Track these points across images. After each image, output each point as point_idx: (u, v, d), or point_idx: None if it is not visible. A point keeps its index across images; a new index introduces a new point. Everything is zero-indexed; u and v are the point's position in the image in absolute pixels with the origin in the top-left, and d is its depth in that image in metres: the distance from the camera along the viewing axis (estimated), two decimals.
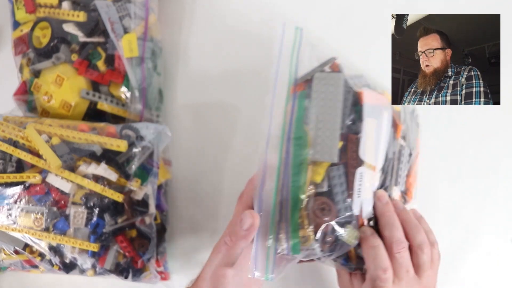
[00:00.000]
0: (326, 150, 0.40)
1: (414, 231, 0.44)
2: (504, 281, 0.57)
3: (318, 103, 0.41)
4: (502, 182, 0.58)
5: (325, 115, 0.40)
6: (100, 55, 0.51)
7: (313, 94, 0.41)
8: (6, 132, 0.48)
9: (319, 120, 0.40)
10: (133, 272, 0.49)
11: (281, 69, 0.43)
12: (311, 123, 0.40)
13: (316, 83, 0.42)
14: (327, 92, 0.41)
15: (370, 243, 0.42)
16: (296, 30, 0.45)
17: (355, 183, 0.40)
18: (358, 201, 0.40)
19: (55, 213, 0.47)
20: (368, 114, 0.41)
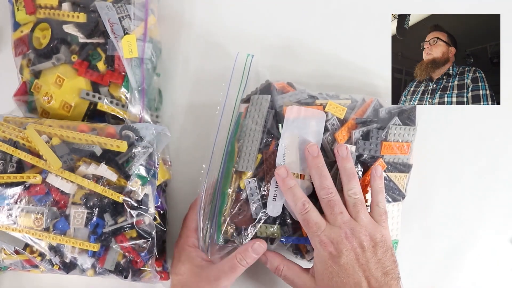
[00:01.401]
0: (246, 162, 0.48)
1: (345, 179, 0.47)
2: (504, 281, 0.57)
3: (247, 123, 0.49)
4: (501, 182, 0.58)
5: (250, 132, 0.49)
6: (100, 56, 0.51)
7: (247, 114, 0.50)
8: (7, 133, 0.48)
9: (245, 137, 0.49)
10: (133, 272, 0.49)
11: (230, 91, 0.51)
12: (241, 140, 0.49)
13: (250, 104, 0.50)
14: (255, 113, 0.50)
15: (286, 185, 0.46)
16: (247, 57, 0.52)
17: (271, 190, 0.48)
18: (275, 204, 0.48)
19: (55, 213, 0.47)
20: (289, 129, 0.48)
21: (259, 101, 0.50)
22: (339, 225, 0.45)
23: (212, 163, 0.50)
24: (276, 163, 0.48)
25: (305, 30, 0.60)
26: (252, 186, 0.48)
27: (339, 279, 0.43)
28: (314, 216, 0.45)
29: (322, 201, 0.46)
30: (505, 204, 0.58)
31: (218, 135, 0.51)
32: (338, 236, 0.44)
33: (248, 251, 0.48)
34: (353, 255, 0.44)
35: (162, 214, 0.52)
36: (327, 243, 0.44)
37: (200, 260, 0.50)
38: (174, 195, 0.57)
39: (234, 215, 0.48)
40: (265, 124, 0.49)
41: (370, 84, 0.58)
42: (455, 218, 0.57)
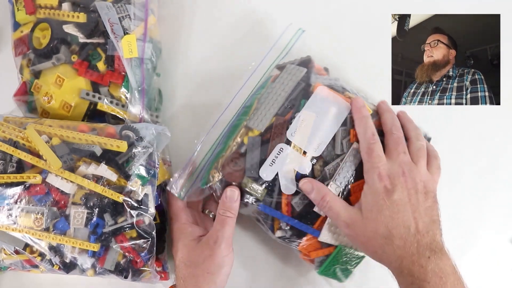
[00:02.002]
0: (258, 121, 0.48)
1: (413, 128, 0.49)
2: (504, 281, 0.57)
3: (274, 86, 0.50)
4: (501, 182, 0.58)
5: (274, 96, 0.49)
6: (100, 56, 0.51)
7: (277, 79, 0.50)
8: (7, 133, 0.48)
9: (266, 99, 0.49)
10: (132, 272, 0.49)
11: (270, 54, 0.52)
12: (261, 99, 0.49)
13: (284, 71, 0.51)
14: (286, 81, 0.50)
15: (361, 113, 0.48)
16: (298, 30, 0.52)
17: (272, 154, 0.47)
18: (270, 169, 0.48)
19: (55, 213, 0.47)
20: (310, 107, 0.48)
21: (293, 71, 0.50)
22: (399, 163, 0.45)
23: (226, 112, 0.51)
24: (287, 133, 0.48)
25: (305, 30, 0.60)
26: (255, 144, 0.48)
27: (388, 213, 0.44)
28: (379, 149, 0.46)
29: (391, 136, 0.47)
30: (505, 204, 0.58)
31: (242, 91, 0.51)
32: (396, 172, 0.45)
33: (225, 202, 0.48)
34: (406, 193, 0.44)
35: (162, 214, 0.52)
36: (384, 176, 0.45)
37: (195, 234, 0.50)
38: None
39: (227, 164, 0.48)
40: (291, 93, 0.49)
41: (370, 85, 0.58)
42: (455, 218, 0.57)
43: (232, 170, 0.48)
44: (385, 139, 0.47)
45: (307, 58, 0.52)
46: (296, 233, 0.49)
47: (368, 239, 0.45)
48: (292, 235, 0.49)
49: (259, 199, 0.48)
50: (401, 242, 0.43)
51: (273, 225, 0.50)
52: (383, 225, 0.44)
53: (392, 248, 0.43)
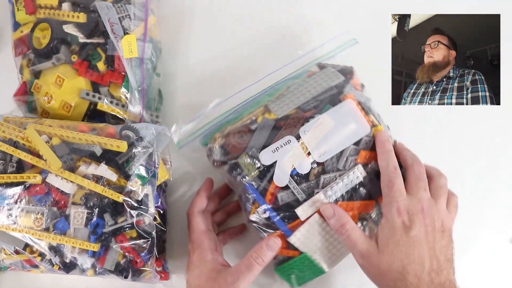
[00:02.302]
0: (279, 107, 0.49)
1: (432, 167, 0.49)
2: (504, 281, 0.57)
3: (308, 81, 0.50)
4: (501, 182, 0.58)
5: (303, 90, 0.50)
6: (100, 56, 0.51)
7: (313, 76, 0.50)
8: (7, 133, 0.48)
9: (295, 90, 0.50)
10: (133, 272, 0.49)
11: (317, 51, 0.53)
12: (290, 88, 0.50)
13: (322, 71, 0.51)
14: (320, 80, 0.50)
15: (385, 147, 0.47)
16: (352, 40, 0.54)
17: (278, 142, 0.47)
18: (271, 155, 0.47)
19: (55, 213, 0.47)
20: (333, 114, 0.48)
21: (331, 74, 0.50)
22: (419, 199, 0.45)
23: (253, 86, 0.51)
24: (300, 129, 0.47)
25: (304, 31, 0.60)
26: (266, 127, 0.48)
27: (405, 250, 0.43)
28: (400, 183, 0.46)
29: (412, 171, 0.47)
30: (505, 204, 0.58)
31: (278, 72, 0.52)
32: (415, 208, 0.45)
33: (263, 248, 0.47)
34: (423, 230, 0.44)
35: (162, 214, 0.52)
36: (403, 212, 0.44)
37: (216, 264, 0.49)
38: (174, 195, 0.57)
39: (233, 133, 0.49)
40: (321, 94, 0.49)
41: (370, 85, 0.58)
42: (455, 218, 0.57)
43: (235, 141, 0.49)
44: (407, 174, 0.47)
45: (349, 68, 0.52)
46: (269, 224, 0.48)
47: (382, 272, 0.44)
48: (265, 225, 0.49)
49: (249, 179, 0.48)
50: (415, 280, 0.43)
51: (251, 208, 0.49)
52: (399, 260, 0.43)
53: (405, 284, 0.43)
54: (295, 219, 0.48)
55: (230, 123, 0.50)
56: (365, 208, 0.48)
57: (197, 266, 0.49)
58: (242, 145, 0.48)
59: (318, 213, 0.47)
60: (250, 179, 0.48)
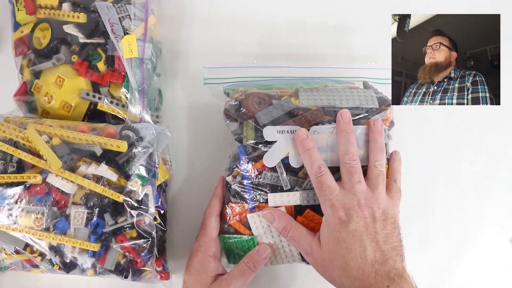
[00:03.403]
0: (307, 97, 0.50)
1: (375, 150, 0.47)
2: (504, 281, 0.57)
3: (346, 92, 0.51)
4: (501, 182, 0.58)
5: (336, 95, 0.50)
6: (100, 56, 0.51)
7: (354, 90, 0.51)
8: (7, 133, 0.48)
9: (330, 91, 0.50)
10: (133, 271, 0.49)
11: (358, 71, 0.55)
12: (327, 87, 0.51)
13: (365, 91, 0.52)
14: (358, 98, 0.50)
15: (305, 146, 0.46)
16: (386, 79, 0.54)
17: (287, 126, 0.48)
18: (274, 133, 0.48)
19: (56, 213, 0.47)
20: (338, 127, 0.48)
21: (370, 98, 0.50)
22: (354, 192, 0.45)
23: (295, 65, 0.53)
24: (313, 127, 0.48)
25: (304, 31, 0.60)
26: (284, 107, 0.49)
27: (345, 245, 0.43)
28: (328, 180, 0.45)
29: (344, 166, 0.46)
30: (505, 204, 0.58)
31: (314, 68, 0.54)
32: (351, 203, 0.44)
33: (254, 254, 0.49)
34: (362, 223, 0.44)
35: (162, 214, 0.52)
36: (338, 208, 0.44)
37: (215, 272, 0.49)
38: (174, 195, 0.57)
39: (255, 96, 0.49)
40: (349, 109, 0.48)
41: None
42: (455, 218, 0.57)
43: (252, 104, 0.49)
44: (340, 168, 0.46)
45: (388, 101, 0.52)
46: (240, 194, 0.48)
47: (327, 269, 0.45)
48: (236, 193, 0.49)
49: (243, 143, 0.48)
50: (359, 273, 0.43)
51: (232, 171, 0.49)
52: (340, 257, 0.43)
53: (349, 279, 0.43)
54: (264, 202, 0.48)
55: (258, 86, 0.51)
56: None
57: (198, 270, 0.49)
58: (254, 110, 0.49)
59: (285, 208, 0.48)
60: (244, 143, 0.48)
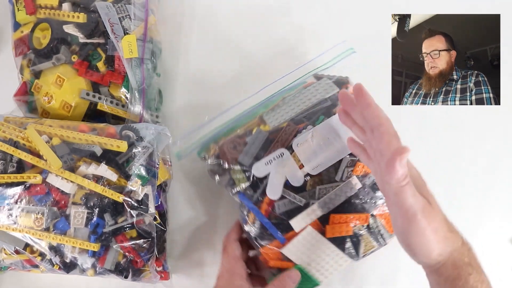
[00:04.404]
0: (273, 118, 0.50)
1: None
2: (503, 281, 0.57)
3: (303, 93, 0.50)
4: (501, 182, 0.58)
5: (297, 101, 0.50)
6: (100, 56, 0.51)
7: (308, 87, 0.50)
8: (7, 133, 0.48)
9: (290, 101, 0.50)
10: (133, 271, 0.49)
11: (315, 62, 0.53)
12: (286, 99, 0.50)
13: (319, 82, 0.51)
14: (315, 92, 0.50)
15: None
16: (349, 49, 0.54)
17: (271, 154, 0.48)
18: (264, 167, 0.48)
19: (56, 213, 0.47)
20: (326, 127, 0.48)
21: (326, 86, 0.50)
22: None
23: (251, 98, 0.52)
24: (293, 141, 0.47)
25: (304, 31, 0.60)
26: (259, 138, 0.48)
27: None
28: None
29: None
30: (505, 204, 0.58)
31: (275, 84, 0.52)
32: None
33: (285, 278, 0.48)
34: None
35: (162, 214, 0.52)
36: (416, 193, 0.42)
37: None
38: (174, 195, 0.57)
39: (228, 144, 0.49)
40: (314, 105, 0.49)
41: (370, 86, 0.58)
42: (455, 218, 0.57)
43: (229, 151, 0.49)
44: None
45: (345, 79, 0.52)
46: (264, 235, 0.48)
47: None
48: (259, 236, 0.48)
49: (240, 190, 0.48)
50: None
51: (247, 218, 0.49)
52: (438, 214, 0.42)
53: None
54: (290, 230, 0.47)
55: (225, 134, 0.51)
56: (359, 220, 0.47)
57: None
58: (235, 155, 0.48)
59: (311, 226, 0.47)
60: (241, 190, 0.48)
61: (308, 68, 0.53)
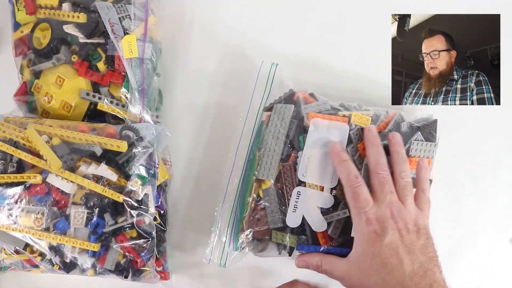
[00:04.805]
0: (266, 171, 0.48)
1: (399, 161, 0.46)
2: (504, 281, 0.57)
3: (269, 131, 0.49)
4: (501, 182, 0.58)
5: (272, 141, 0.49)
6: (100, 56, 0.51)
7: (269, 123, 0.50)
8: (7, 133, 0.48)
9: (266, 147, 0.49)
10: (133, 271, 0.49)
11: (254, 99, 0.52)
12: (262, 149, 0.49)
13: (273, 113, 0.50)
14: (278, 122, 0.49)
15: (341, 157, 0.46)
16: (271, 66, 0.52)
17: (292, 200, 0.47)
18: (295, 215, 0.47)
19: (56, 213, 0.47)
20: (311, 141, 0.48)
21: (282, 110, 0.50)
22: (387, 204, 0.44)
23: (234, 171, 0.51)
24: (297, 175, 0.48)
25: (304, 31, 0.60)
26: (271, 195, 0.48)
27: (380, 260, 0.42)
28: (365, 192, 0.44)
29: (375, 176, 0.45)
30: (505, 204, 0.58)
31: (240, 143, 0.51)
32: (384, 215, 0.43)
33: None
34: (398, 235, 0.43)
35: (162, 214, 0.52)
36: (373, 221, 0.43)
37: None
38: (174, 195, 0.57)
39: (252, 223, 0.49)
40: (288, 134, 0.49)
41: (370, 86, 0.58)
42: (455, 218, 0.57)
43: (258, 226, 0.48)
44: (370, 179, 0.46)
45: (290, 93, 0.52)
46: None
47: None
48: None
49: (292, 245, 0.48)
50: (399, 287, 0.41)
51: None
52: (376, 273, 0.42)
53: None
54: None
55: (242, 217, 0.50)
56: None
57: None
58: (265, 226, 0.48)
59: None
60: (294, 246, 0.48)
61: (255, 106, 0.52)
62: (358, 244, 0.44)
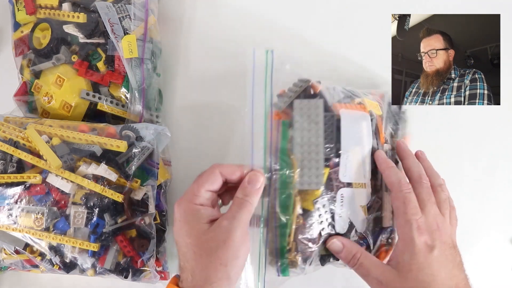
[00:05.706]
0: (313, 179, 0.42)
1: (434, 175, 0.47)
2: (504, 281, 0.57)
3: (300, 133, 0.42)
4: (501, 182, 0.58)
5: (309, 144, 0.42)
6: (100, 56, 0.51)
7: (295, 124, 0.43)
8: (7, 133, 0.48)
9: (304, 150, 0.42)
10: (133, 271, 0.49)
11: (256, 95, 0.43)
12: (297, 153, 0.42)
13: (297, 112, 0.43)
14: (309, 121, 0.43)
15: (388, 164, 0.45)
16: (267, 53, 0.44)
17: (337, 206, 0.43)
18: (342, 220, 0.44)
19: (56, 213, 0.47)
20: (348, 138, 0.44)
21: (310, 108, 0.43)
22: (433, 215, 0.43)
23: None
24: (339, 177, 0.43)
25: (304, 31, 0.60)
26: (323, 205, 0.43)
27: (430, 272, 0.41)
28: (415, 199, 0.43)
29: (421, 186, 0.44)
30: (505, 204, 0.58)
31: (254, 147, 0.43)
32: (432, 226, 0.42)
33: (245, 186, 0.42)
34: (443, 248, 0.42)
35: (162, 214, 0.52)
36: (424, 231, 0.42)
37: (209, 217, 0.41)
38: (174, 195, 0.57)
39: (300, 238, 0.43)
40: (326, 133, 0.43)
41: (370, 85, 0.58)
42: None
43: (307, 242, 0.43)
44: (415, 189, 0.44)
45: (307, 85, 0.44)
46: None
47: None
48: None
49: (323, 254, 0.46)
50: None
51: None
52: (425, 284, 0.41)
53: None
54: None
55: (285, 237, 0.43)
56: None
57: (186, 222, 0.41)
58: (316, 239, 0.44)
59: None
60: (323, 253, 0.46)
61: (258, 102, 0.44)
62: (405, 252, 0.42)
